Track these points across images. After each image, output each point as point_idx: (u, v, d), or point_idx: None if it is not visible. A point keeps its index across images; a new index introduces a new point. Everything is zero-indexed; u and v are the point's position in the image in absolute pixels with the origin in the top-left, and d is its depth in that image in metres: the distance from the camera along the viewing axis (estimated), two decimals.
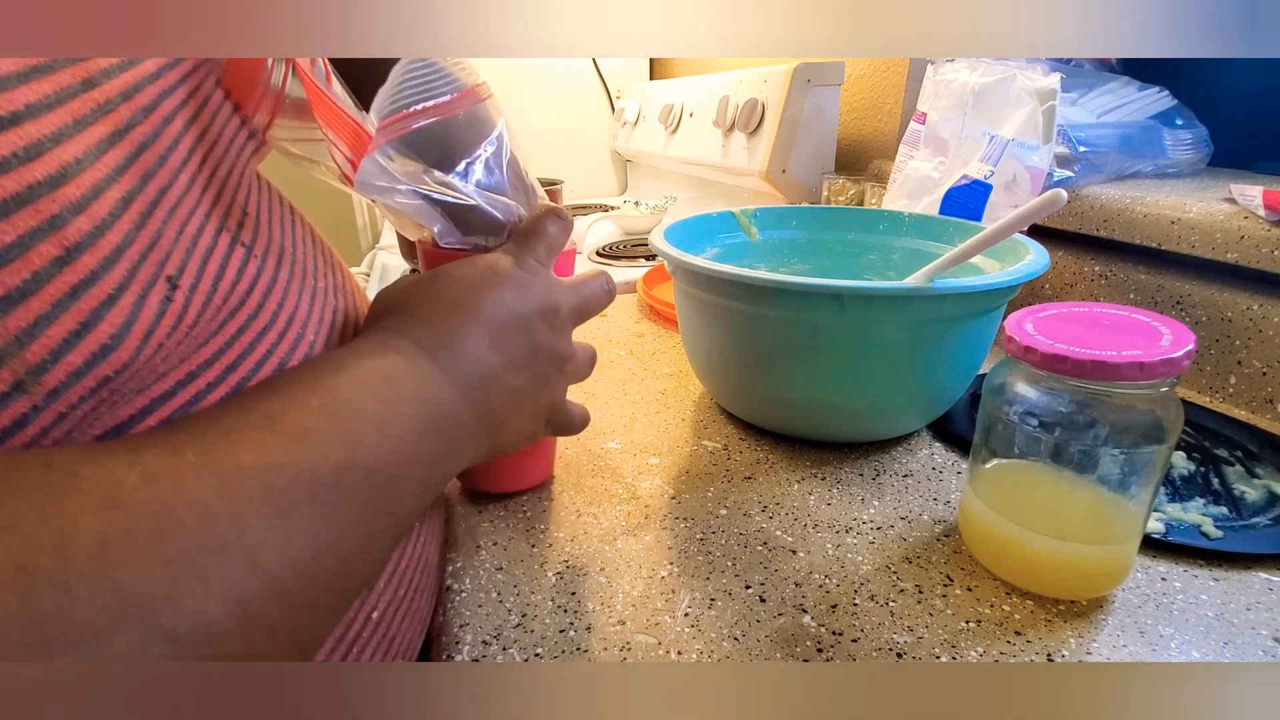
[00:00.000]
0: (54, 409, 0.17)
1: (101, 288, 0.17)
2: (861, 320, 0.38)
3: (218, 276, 0.21)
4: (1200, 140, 0.67)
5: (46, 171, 0.15)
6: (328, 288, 0.29)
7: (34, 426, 0.16)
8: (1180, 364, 0.27)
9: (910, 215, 0.56)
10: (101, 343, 0.17)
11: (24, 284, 0.15)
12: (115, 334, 0.17)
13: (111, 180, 0.17)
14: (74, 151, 0.16)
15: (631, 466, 0.43)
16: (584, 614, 0.31)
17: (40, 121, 0.15)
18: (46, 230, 0.15)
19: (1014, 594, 0.32)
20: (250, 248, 0.24)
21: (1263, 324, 0.49)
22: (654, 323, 0.70)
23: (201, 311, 0.20)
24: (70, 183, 0.16)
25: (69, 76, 0.16)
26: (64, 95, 0.16)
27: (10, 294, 0.15)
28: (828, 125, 0.92)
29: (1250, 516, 0.36)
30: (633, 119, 1.36)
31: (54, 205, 0.15)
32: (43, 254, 0.15)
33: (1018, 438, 0.31)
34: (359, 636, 0.28)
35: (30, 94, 0.15)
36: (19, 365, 0.15)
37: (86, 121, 0.16)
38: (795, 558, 0.34)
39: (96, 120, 0.17)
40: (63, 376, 0.16)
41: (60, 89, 0.16)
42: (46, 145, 0.15)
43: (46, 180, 0.15)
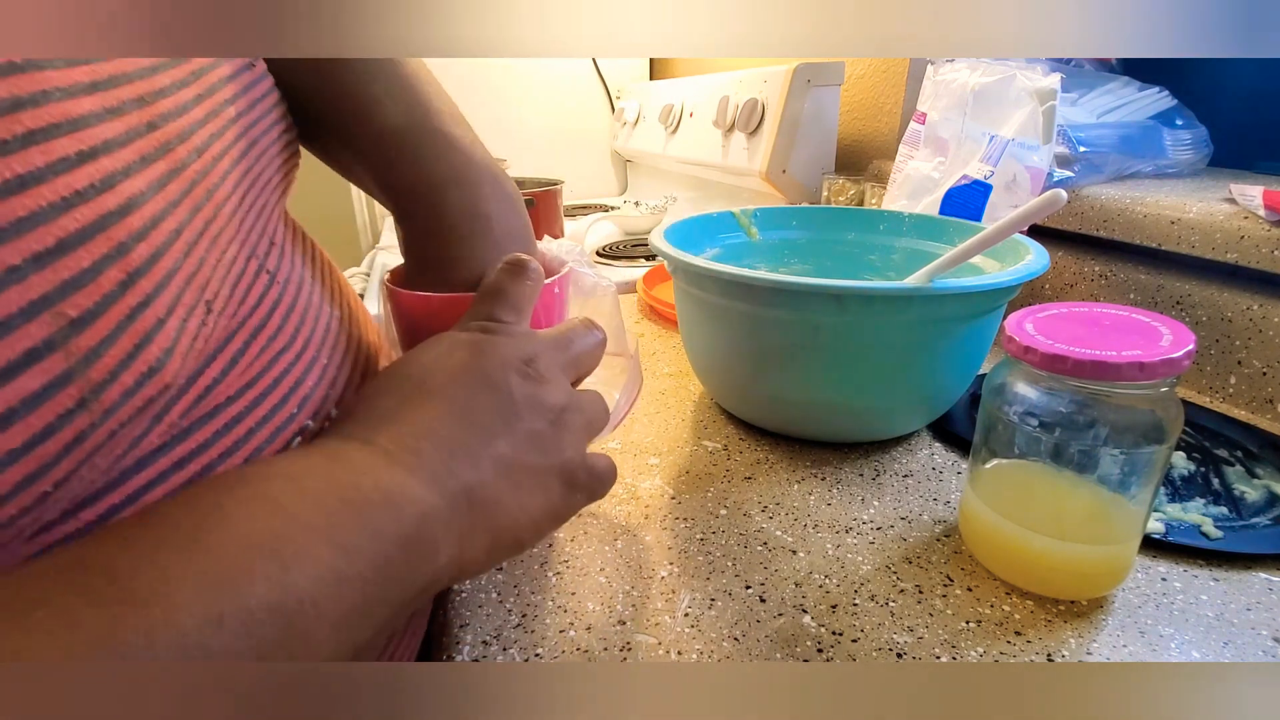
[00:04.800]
0: (107, 427, 0.17)
1: (154, 311, 0.18)
2: (861, 320, 0.38)
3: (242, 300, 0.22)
4: (1200, 140, 0.67)
5: (117, 201, 0.16)
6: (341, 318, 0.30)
7: (90, 443, 0.17)
8: (1180, 364, 0.27)
9: (910, 215, 0.56)
10: (150, 364, 0.18)
11: (95, 305, 0.16)
12: (161, 356, 0.18)
13: (167, 212, 0.18)
14: (139, 185, 0.17)
15: (631, 466, 0.43)
16: (584, 614, 0.31)
17: (114, 156, 0.17)
18: (115, 257, 0.16)
19: (1014, 594, 0.32)
20: (274, 275, 0.25)
21: (1263, 324, 0.49)
22: (654, 323, 0.70)
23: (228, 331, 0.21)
24: (135, 213, 0.17)
25: (136, 119, 0.18)
26: (133, 135, 0.17)
27: (83, 315, 0.16)
28: (828, 125, 0.92)
29: (1250, 516, 0.36)
30: (633, 119, 1.36)
31: (121, 233, 0.17)
32: (110, 279, 0.16)
33: (1018, 438, 0.31)
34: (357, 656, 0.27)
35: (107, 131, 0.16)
36: (85, 384, 0.16)
37: (151, 159, 0.18)
38: (795, 558, 0.34)
39: (159, 158, 0.18)
40: (117, 396, 0.17)
41: (130, 129, 0.17)
42: (118, 178, 0.17)
43: (117, 210, 0.16)
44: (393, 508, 0.20)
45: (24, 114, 0.15)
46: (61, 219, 0.15)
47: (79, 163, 0.16)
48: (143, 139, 0.18)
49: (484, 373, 0.26)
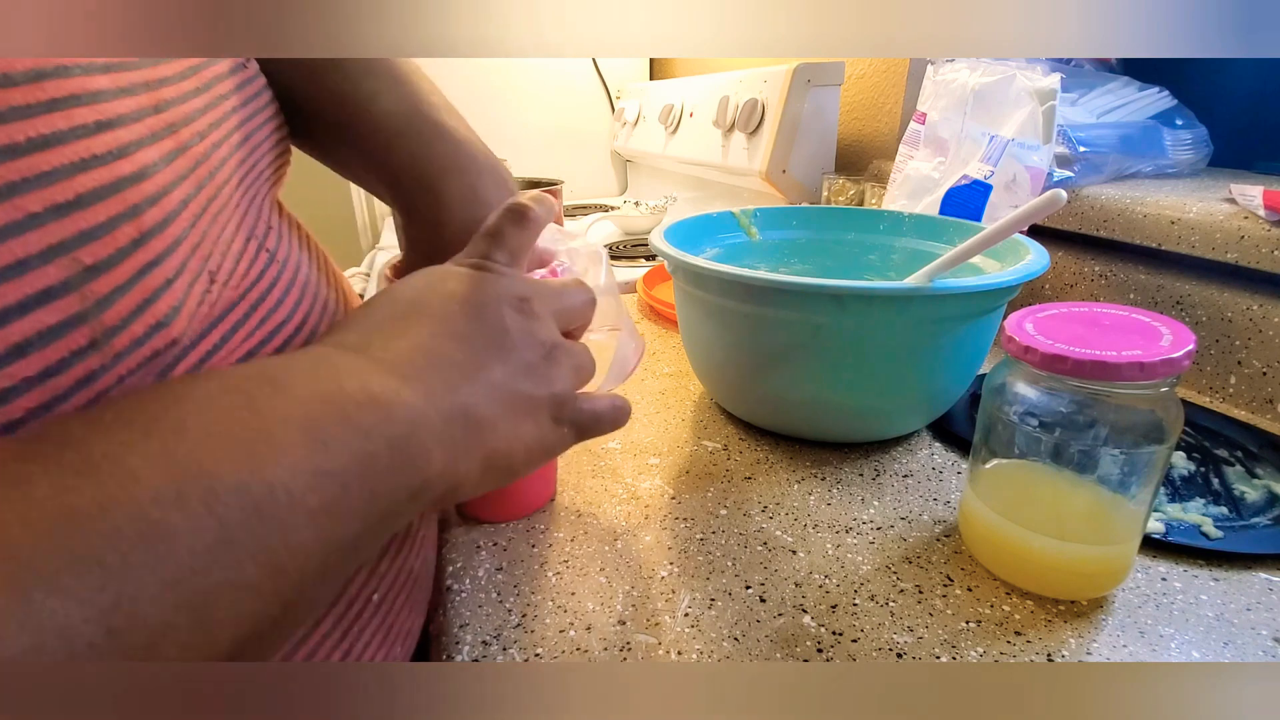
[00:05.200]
0: (116, 371, 0.18)
1: (163, 270, 0.19)
2: (861, 320, 0.38)
3: (245, 275, 0.24)
4: (1200, 140, 0.67)
5: (131, 169, 0.18)
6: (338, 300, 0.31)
7: (100, 384, 0.18)
8: (1180, 364, 0.27)
9: (910, 215, 0.56)
10: (159, 318, 0.19)
11: (109, 257, 0.18)
12: (168, 312, 0.20)
13: (175, 184, 0.20)
14: (151, 156, 0.19)
15: (631, 466, 0.43)
16: (584, 614, 0.31)
17: (129, 129, 0.18)
18: (129, 216, 0.18)
19: (1014, 594, 0.32)
20: (274, 253, 0.26)
21: (1263, 324, 0.49)
22: (654, 323, 0.70)
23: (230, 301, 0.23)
24: (148, 180, 0.19)
25: (145, 100, 0.19)
26: (143, 113, 0.19)
27: (98, 264, 0.17)
28: (828, 125, 0.92)
29: (1250, 516, 0.36)
30: (633, 119, 1.36)
31: (135, 196, 0.18)
32: (124, 235, 0.18)
33: (1018, 438, 0.31)
34: (359, 616, 0.28)
35: (121, 108, 0.18)
36: (97, 326, 0.18)
37: (159, 136, 0.20)
38: (795, 558, 0.34)
39: (166, 136, 0.20)
40: (127, 342, 0.18)
41: (140, 108, 0.19)
42: (132, 148, 0.18)
43: (130, 176, 0.18)
44: (381, 409, 0.20)
45: (47, 83, 0.16)
46: (80, 177, 0.17)
47: (97, 131, 0.17)
48: (152, 117, 0.19)
49: (479, 302, 0.25)
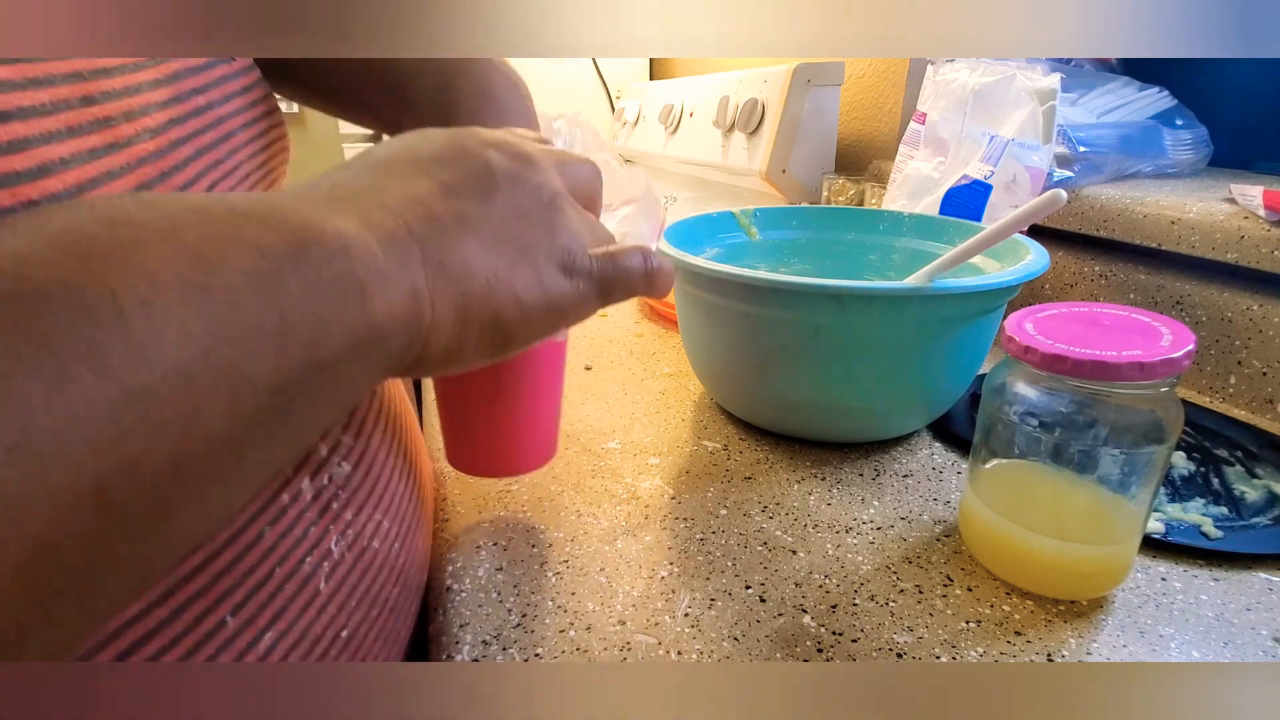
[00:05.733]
0: None
1: None
2: (861, 320, 0.38)
3: None
4: (1200, 140, 0.67)
5: (26, 165, 0.17)
6: None
7: None
8: (1180, 364, 0.27)
9: (910, 215, 0.56)
10: None
11: None
12: None
13: (100, 183, 0.19)
14: (60, 152, 0.18)
15: (631, 466, 0.43)
16: (584, 614, 0.31)
17: (29, 123, 0.17)
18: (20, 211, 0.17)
19: (1014, 594, 0.32)
20: None
21: (1263, 324, 0.49)
22: (654, 323, 0.70)
23: None
24: (53, 177, 0.18)
25: (67, 92, 0.18)
26: (59, 106, 0.18)
27: None
28: (828, 125, 0.92)
29: (1250, 516, 0.36)
30: (633, 119, 1.36)
31: (33, 192, 0.17)
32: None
33: (1018, 438, 0.31)
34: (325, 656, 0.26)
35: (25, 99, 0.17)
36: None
37: (81, 131, 0.18)
38: (795, 558, 0.34)
39: (94, 131, 0.19)
40: None
41: (56, 100, 0.18)
42: (33, 143, 0.17)
43: (26, 172, 0.17)
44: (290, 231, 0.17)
45: None
46: None
47: None
48: (73, 111, 0.18)
49: (458, 145, 0.22)
